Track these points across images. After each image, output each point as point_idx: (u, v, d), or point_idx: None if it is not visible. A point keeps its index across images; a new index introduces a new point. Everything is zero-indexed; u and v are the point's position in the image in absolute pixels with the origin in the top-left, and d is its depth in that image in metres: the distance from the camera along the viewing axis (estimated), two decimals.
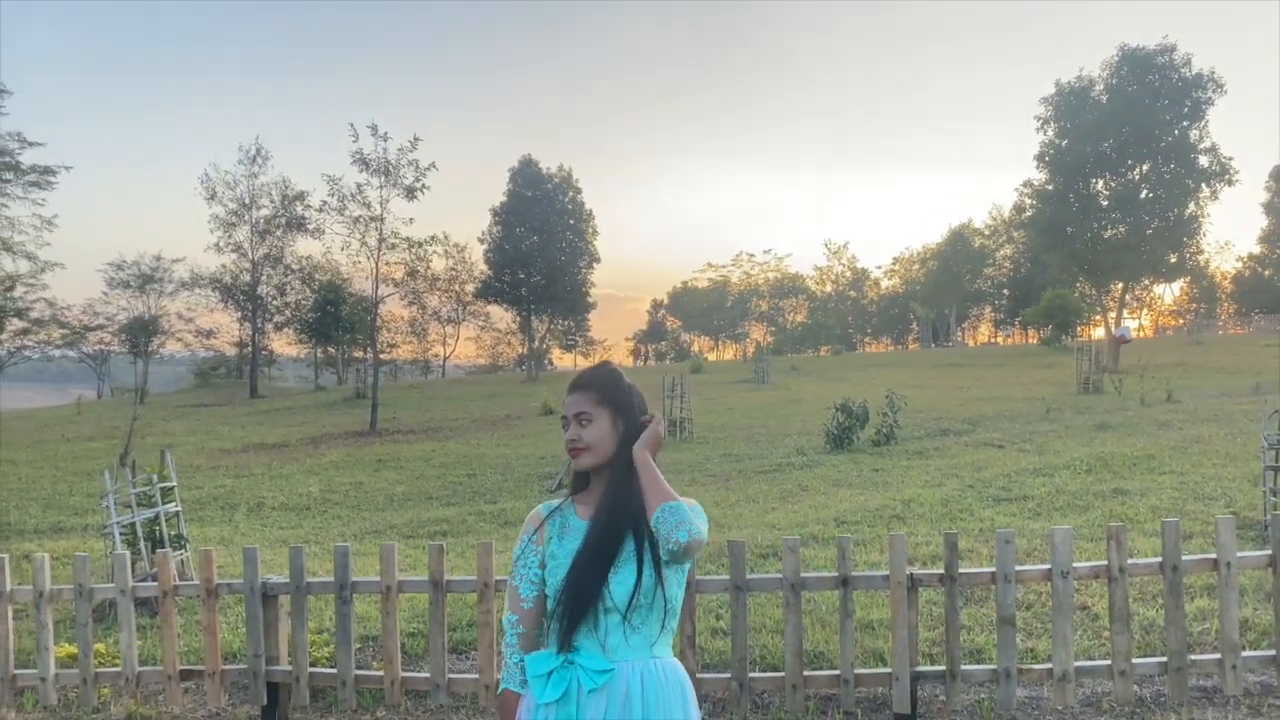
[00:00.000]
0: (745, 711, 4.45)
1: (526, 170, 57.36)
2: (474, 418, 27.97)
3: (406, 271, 34.54)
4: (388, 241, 28.80)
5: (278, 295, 55.44)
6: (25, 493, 15.74)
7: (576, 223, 58.29)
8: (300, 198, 48.08)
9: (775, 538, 8.37)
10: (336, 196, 28.37)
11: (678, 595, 2.22)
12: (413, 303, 65.78)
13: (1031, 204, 44.77)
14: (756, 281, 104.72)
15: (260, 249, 50.60)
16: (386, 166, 27.43)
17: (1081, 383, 26.18)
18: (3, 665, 4.92)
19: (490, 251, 57.33)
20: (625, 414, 2.29)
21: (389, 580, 4.54)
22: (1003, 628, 4.24)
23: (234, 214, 49.50)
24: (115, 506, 7.20)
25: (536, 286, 56.58)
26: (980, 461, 12.88)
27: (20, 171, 19.64)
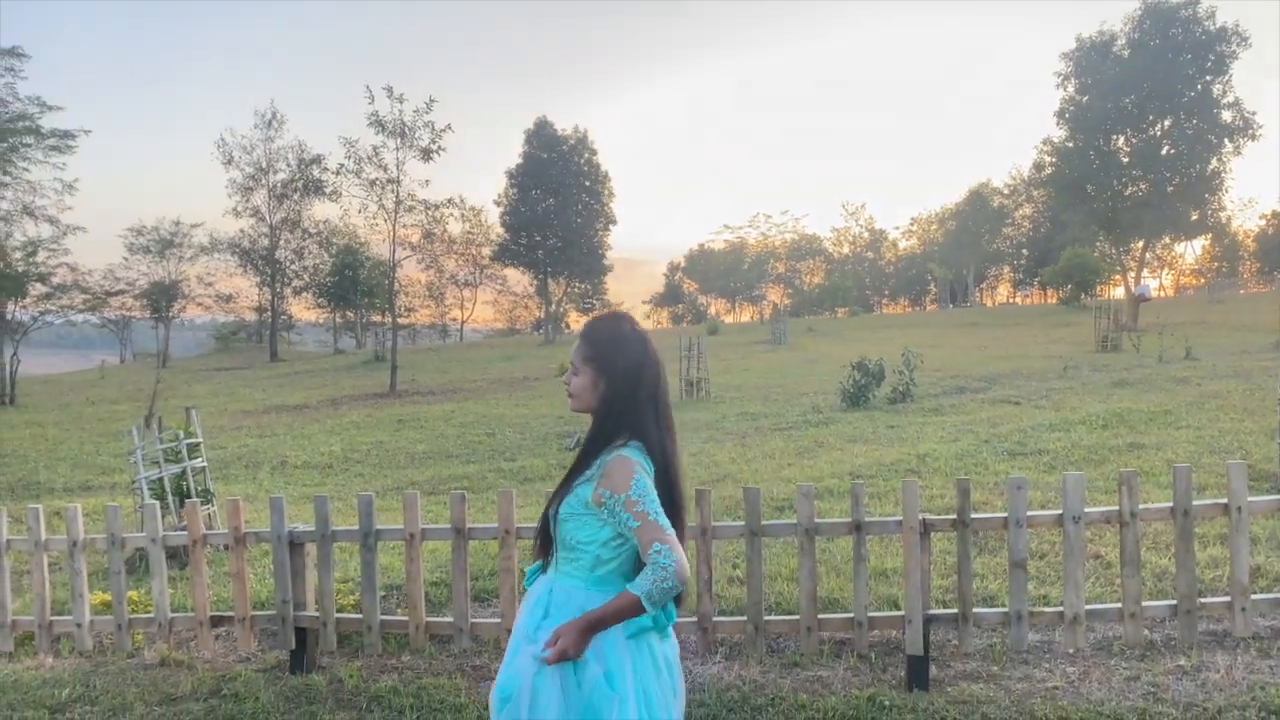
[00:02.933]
0: (761, 654, 4.55)
1: (542, 132, 57.08)
2: (492, 379, 28.14)
3: (423, 235, 34.61)
4: (404, 204, 28.85)
5: (296, 259, 55.69)
6: (53, 453, 16.02)
7: (592, 185, 58.04)
8: (316, 161, 48.11)
9: (791, 491, 8.47)
10: (353, 159, 28.41)
11: (582, 539, 2.37)
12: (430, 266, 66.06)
13: (1051, 162, 44.18)
14: (773, 243, 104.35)
15: (278, 213, 50.76)
16: (402, 128, 27.41)
17: (1100, 341, 26.05)
18: (40, 612, 5.08)
19: (506, 214, 57.22)
20: (608, 374, 2.40)
21: (412, 528, 4.65)
22: (1015, 572, 4.31)
23: (251, 178, 49.63)
24: (143, 462, 7.35)
25: (553, 249, 56.51)
26: (996, 418, 12.91)
27: (40, 135, 19.72)
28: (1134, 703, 4.00)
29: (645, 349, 2.43)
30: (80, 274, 33.49)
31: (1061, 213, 48.45)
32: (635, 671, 2.32)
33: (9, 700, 4.52)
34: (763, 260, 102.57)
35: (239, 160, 49.23)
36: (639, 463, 2.33)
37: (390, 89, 26.97)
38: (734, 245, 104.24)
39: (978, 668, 4.48)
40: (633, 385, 2.39)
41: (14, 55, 19.34)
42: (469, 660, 4.87)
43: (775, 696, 4.20)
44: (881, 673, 4.49)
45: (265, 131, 49.27)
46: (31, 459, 15.36)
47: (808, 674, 4.49)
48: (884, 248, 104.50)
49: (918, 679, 4.24)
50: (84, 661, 5.11)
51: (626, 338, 2.43)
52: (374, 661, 4.87)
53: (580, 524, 2.37)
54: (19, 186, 20.72)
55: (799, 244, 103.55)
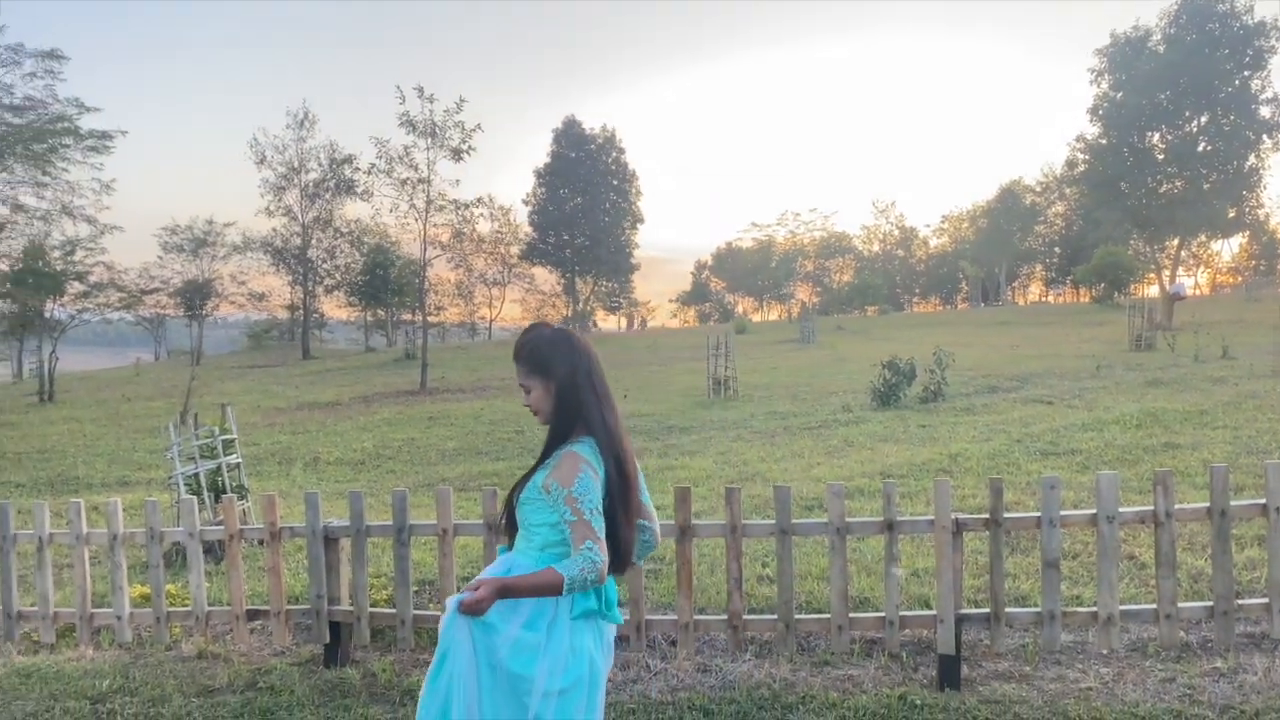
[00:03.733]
0: (791, 652, 4.56)
1: (570, 131, 57.26)
2: None
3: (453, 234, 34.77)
4: (435, 204, 29.01)
5: (328, 258, 56.10)
6: (91, 449, 16.28)
7: (620, 183, 58.17)
8: (348, 161, 48.43)
9: (820, 490, 8.45)
10: (384, 159, 28.59)
11: (534, 521, 2.59)
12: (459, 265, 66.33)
13: (1084, 159, 43.72)
14: (802, 241, 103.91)
15: (310, 212, 51.15)
16: (433, 128, 27.56)
17: (1133, 340, 25.75)
18: (81, 605, 5.17)
19: (534, 213, 57.48)
20: (551, 374, 2.61)
21: (445, 523, 4.69)
22: (1047, 571, 4.29)
23: (283, 178, 50.03)
24: (179, 458, 7.45)
25: (580, 248, 56.68)
26: (1028, 417, 12.81)
27: (79, 136, 20.03)
28: (1169, 705, 3.97)
29: (573, 345, 2.64)
30: (116, 272, 33.97)
31: (1095, 210, 47.82)
32: (574, 646, 2.52)
33: (51, 690, 4.61)
34: (791, 258, 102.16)
35: (271, 160, 49.67)
36: (587, 460, 2.52)
37: (421, 89, 27.14)
38: (762, 243, 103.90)
39: (1010, 668, 4.46)
40: (575, 380, 2.60)
41: (53, 57, 19.66)
42: None
43: (806, 695, 4.20)
44: (913, 672, 4.48)
45: (297, 131, 49.68)
46: (70, 454, 15.61)
47: (838, 672, 4.49)
48: (914, 245, 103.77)
49: (949, 678, 4.23)
50: (123, 653, 5.20)
51: (553, 342, 2.64)
52: (407, 656, 4.92)
53: (534, 508, 2.58)
54: (58, 186, 21.08)
55: (828, 242, 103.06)
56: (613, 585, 2.65)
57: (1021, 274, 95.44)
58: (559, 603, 2.52)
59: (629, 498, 2.61)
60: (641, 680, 4.51)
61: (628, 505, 2.60)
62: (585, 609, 2.54)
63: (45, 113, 19.65)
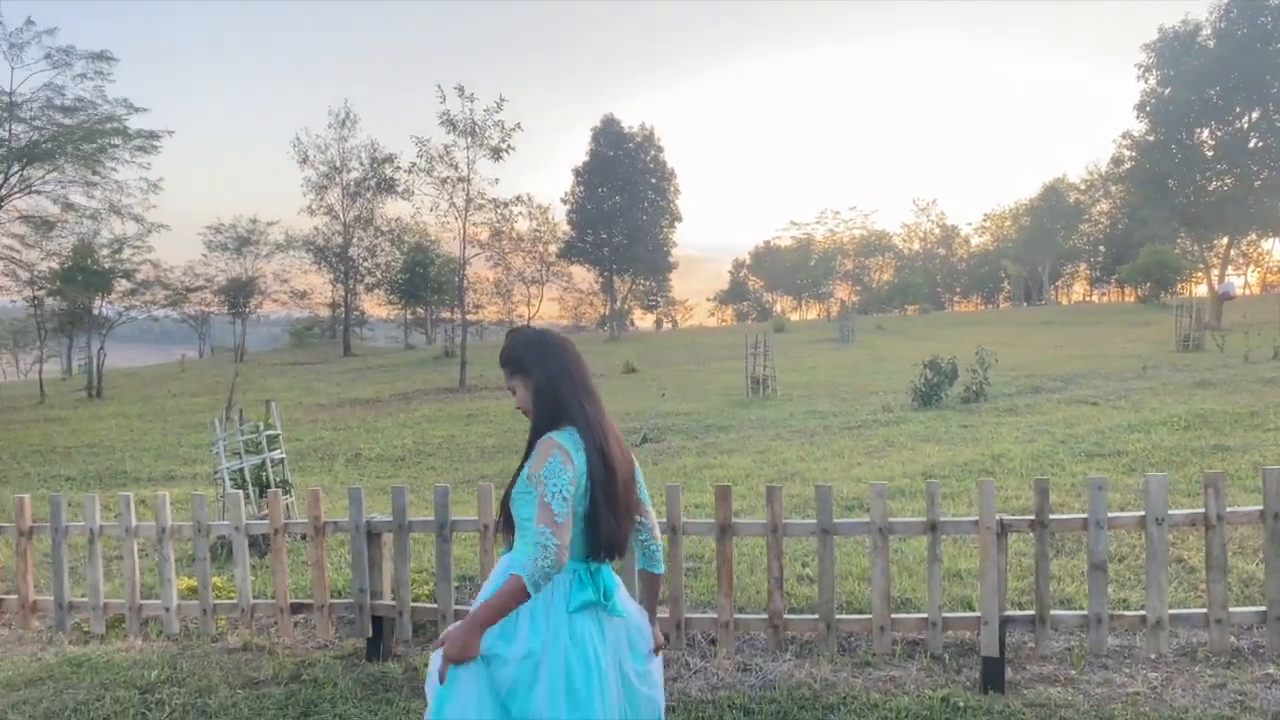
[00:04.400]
0: (833, 652, 4.53)
1: (609, 130, 57.30)
2: None
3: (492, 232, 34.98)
4: (474, 202, 29.21)
5: (368, 257, 56.67)
6: (138, 443, 16.58)
7: (658, 182, 58.10)
8: (389, 160, 48.88)
9: (860, 490, 8.39)
10: (425, 158, 28.84)
11: (524, 515, 2.57)
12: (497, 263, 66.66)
13: (1131, 156, 43.01)
14: (841, 239, 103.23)
15: (351, 211, 51.74)
16: (473, 127, 27.75)
17: (1181, 340, 25.30)
18: (130, 596, 5.26)
19: (572, 212, 57.57)
20: (529, 373, 2.68)
21: (486, 519, 4.72)
22: (1094, 574, 4.22)
23: (325, 177, 50.67)
24: (225, 453, 7.56)
25: (618, 246, 56.70)
26: (1073, 418, 12.63)
27: (127, 136, 20.39)
28: (1220, 711, 3.89)
29: (549, 344, 2.71)
30: (162, 270, 34.59)
31: (1141, 208, 47.10)
32: (574, 639, 2.53)
33: (102, 680, 4.69)
34: (830, 257, 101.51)
35: (314, 159, 50.32)
36: (561, 446, 2.54)
37: (461, 88, 27.35)
38: (801, 242, 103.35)
39: (1055, 671, 4.40)
40: (551, 377, 2.65)
41: (102, 59, 20.02)
42: None
43: (847, 695, 4.17)
44: (955, 674, 4.43)
45: (339, 131, 50.30)
46: (118, 449, 15.91)
47: (880, 673, 4.46)
48: (955, 244, 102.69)
49: (993, 681, 4.18)
50: (171, 644, 5.29)
51: (530, 343, 2.71)
52: None
53: (523, 501, 2.59)
54: (107, 186, 21.48)
55: (868, 240, 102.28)
56: (610, 576, 2.67)
57: (1065, 273, 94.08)
58: (552, 603, 2.54)
59: (613, 488, 2.61)
60: (681, 678, 4.50)
61: (611, 495, 2.60)
62: (583, 601, 2.55)
63: (95, 113, 20.04)
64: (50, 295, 30.66)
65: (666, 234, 59.06)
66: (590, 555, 2.62)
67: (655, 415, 15.67)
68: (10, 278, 25.77)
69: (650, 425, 14.70)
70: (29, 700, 4.47)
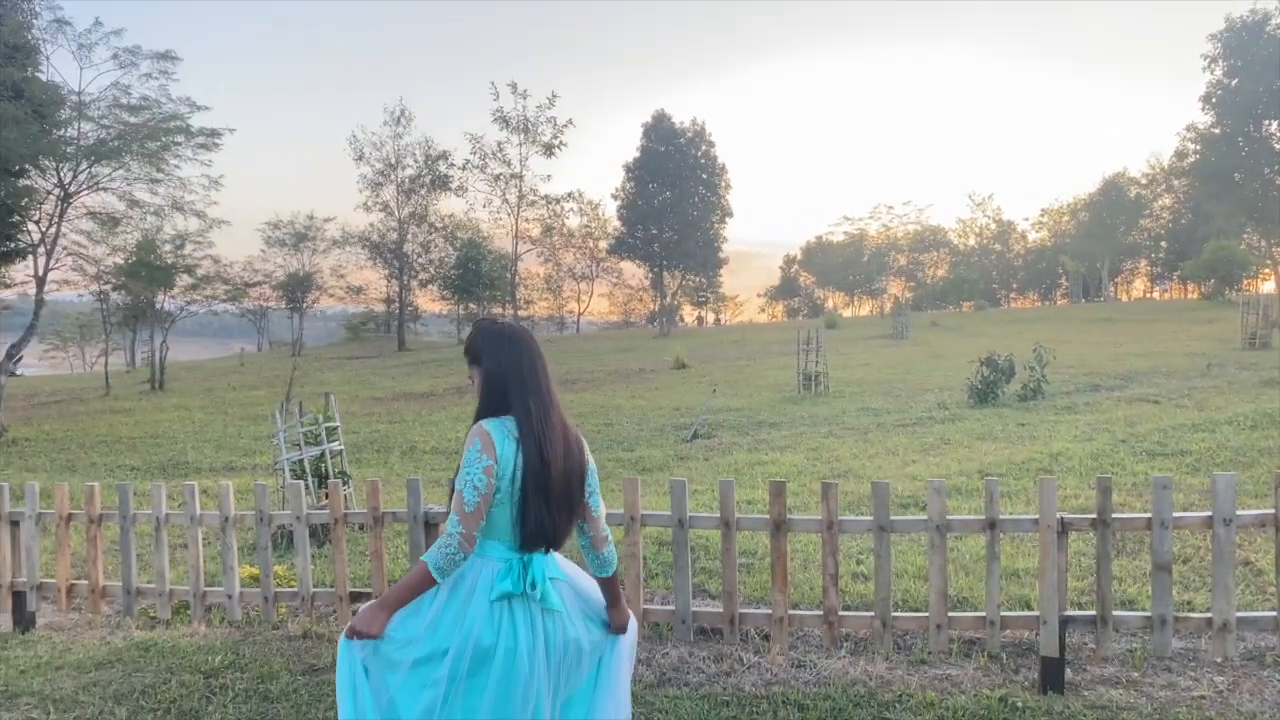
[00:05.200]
0: (888, 650, 4.50)
1: (660, 125, 57.20)
2: (609, 371, 28.42)
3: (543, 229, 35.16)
4: (526, 199, 29.38)
5: (422, 253, 57.26)
6: (199, 435, 16.95)
7: (709, 177, 57.87)
8: (443, 157, 49.33)
9: (916, 488, 8.31)
10: (478, 155, 29.11)
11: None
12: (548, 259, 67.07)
13: (1195, 149, 42.03)
14: (895, 235, 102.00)
15: (406, 208, 52.31)
16: (525, 124, 27.92)
17: (1247, 338, 24.63)
18: (195, 583, 5.38)
19: (623, 207, 57.57)
20: (481, 362, 2.75)
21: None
22: (1158, 574, 4.14)
23: (380, 174, 51.26)
24: (285, 444, 7.71)
25: (668, 242, 56.61)
26: (1133, 417, 12.37)
27: (190, 134, 20.83)
28: None
29: (506, 338, 2.75)
30: (222, 266, 35.23)
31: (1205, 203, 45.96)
32: (489, 625, 2.56)
33: (168, 664, 4.82)
34: (883, 252, 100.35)
35: (369, 156, 50.93)
36: (486, 433, 2.60)
37: (514, 85, 27.57)
38: (853, 237, 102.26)
39: (1116, 673, 4.33)
40: (504, 370, 2.70)
41: (167, 59, 20.47)
42: None
43: (903, 693, 4.14)
44: (1013, 674, 4.38)
45: (394, 128, 50.79)
46: (180, 440, 16.29)
47: (936, 672, 4.42)
48: (1012, 239, 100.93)
49: (1052, 681, 4.12)
50: (233, 631, 5.41)
51: (488, 335, 2.77)
52: None
53: None
54: (170, 183, 21.94)
55: (922, 235, 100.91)
56: (540, 567, 2.66)
57: (1125, 269, 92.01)
58: (473, 591, 2.60)
59: (546, 482, 2.62)
60: (735, 673, 4.50)
61: (543, 489, 2.61)
62: (502, 591, 2.59)
63: (159, 112, 20.47)
64: (115, 290, 31.44)
65: (717, 229, 58.84)
66: (523, 546, 2.65)
67: (706, 411, 15.66)
68: (78, 272, 26.45)
69: (701, 421, 14.69)
70: (99, 682, 4.61)
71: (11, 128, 17.68)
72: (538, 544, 2.66)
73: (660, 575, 6.06)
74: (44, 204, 21.01)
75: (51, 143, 19.23)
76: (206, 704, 4.30)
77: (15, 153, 18.13)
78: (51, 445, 16.23)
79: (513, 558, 2.64)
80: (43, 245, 20.81)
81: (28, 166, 19.56)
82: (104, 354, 44.19)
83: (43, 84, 19.37)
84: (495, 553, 2.64)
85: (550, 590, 2.67)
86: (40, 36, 20.27)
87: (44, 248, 20.68)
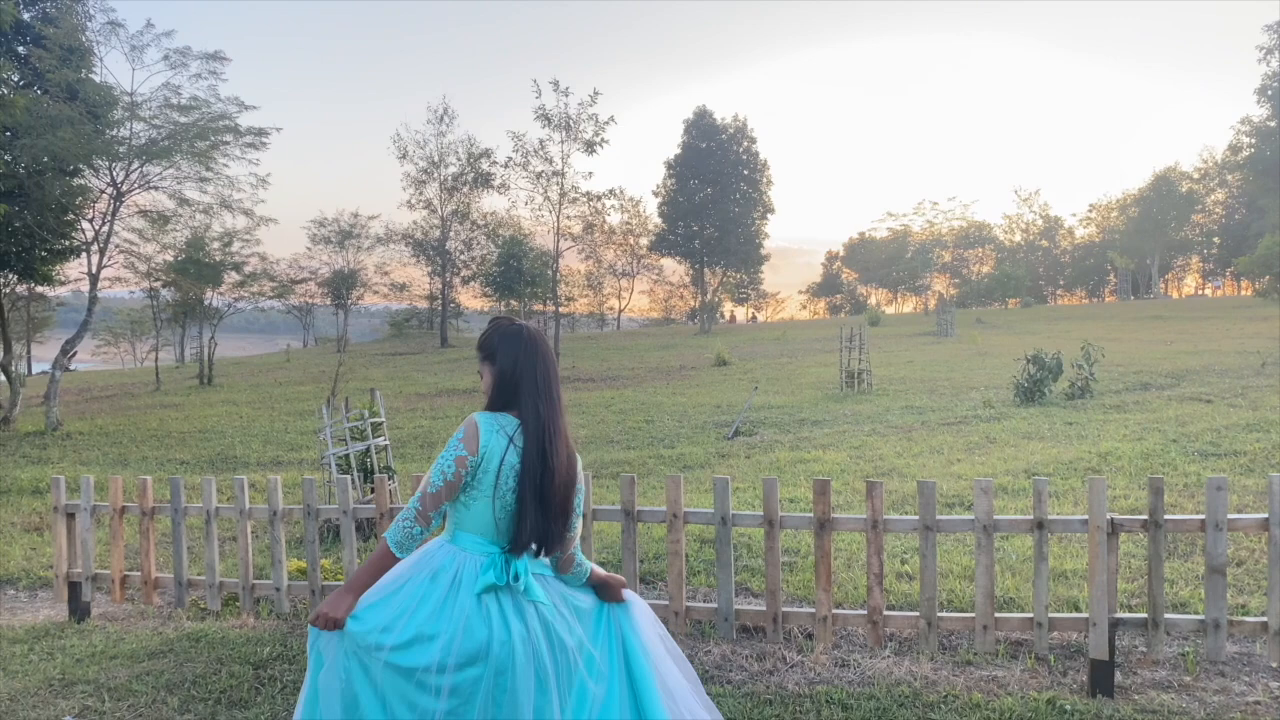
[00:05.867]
0: (933, 650, 4.45)
1: (701, 122, 57.13)
2: (649, 368, 28.44)
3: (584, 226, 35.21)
4: (568, 196, 29.47)
5: (465, 250, 57.62)
6: (247, 430, 17.21)
7: (751, 173, 57.72)
8: (485, 155, 49.60)
9: (961, 487, 8.22)
10: (520, 152, 29.22)
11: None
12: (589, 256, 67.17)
13: (1250, 143, 41.12)
14: (939, 231, 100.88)
15: (448, 205, 52.68)
16: (567, 121, 27.98)
17: None
18: (244, 576, 5.47)
19: (664, 204, 57.58)
20: (495, 360, 2.79)
21: (585, 508, 4.76)
22: (1212, 577, 4.06)
23: (424, 172, 51.66)
24: (331, 439, 7.80)
25: (709, 239, 56.54)
26: (1185, 416, 12.12)
27: (238, 133, 21.15)
28: None
29: (522, 339, 2.79)
30: (269, 263, 35.67)
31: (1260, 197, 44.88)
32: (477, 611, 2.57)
33: (218, 655, 4.90)
34: (927, 249, 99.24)
35: (413, 155, 51.36)
36: (475, 426, 2.65)
37: (556, 82, 27.61)
38: (897, 233, 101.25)
39: (1168, 677, 4.25)
40: (512, 371, 2.74)
41: (216, 59, 20.79)
42: None
43: (948, 694, 4.10)
44: (1061, 676, 4.32)
45: (437, 126, 51.20)
46: (228, 435, 16.55)
47: (982, 673, 4.37)
48: (1059, 235, 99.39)
49: (1102, 684, 4.06)
50: (281, 623, 5.49)
51: (505, 333, 2.81)
52: None
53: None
54: (218, 181, 22.27)
55: (967, 231, 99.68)
56: (525, 562, 2.68)
57: (1176, 265, 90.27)
58: (457, 585, 2.61)
59: (544, 485, 2.65)
60: (778, 672, 4.49)
61: (540, 492, 2.64)
62: (486, 584, 2.61)
63: (208, 111, 20.80)
64: (165, 287, 31.98)
65: (758, 226, 58.66)
66: (512, 547, 2.66)
67: (747, 408, 15.61)
68: (129, 270, 26.96)
69: (742, 418, 14.64)
70: (151, 672, 4.70)
71: (67, 129, 18.07)
72: (527, 547, 2.67)
73: (702, 573, 6.06)
74: (97, 203, 21.44)
75: (105, 143, 19.61)
76: (255, 695, 4.37)
77: (70, 153, 18.53)
78: (104, 439, 16.58)
79: (494, 551, 2.66)
80: (96, 243, 21.24)
81: (82, 166, 19.97)
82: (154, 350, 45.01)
83: (96, 85, 19.75)
84: (475, 547, 2.67)
85: (534, 583, 2.68)
86: (94, 39, 20.70)
87: (97, 245, 21.11)
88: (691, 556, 6.28)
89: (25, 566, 7.44)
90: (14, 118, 17.00)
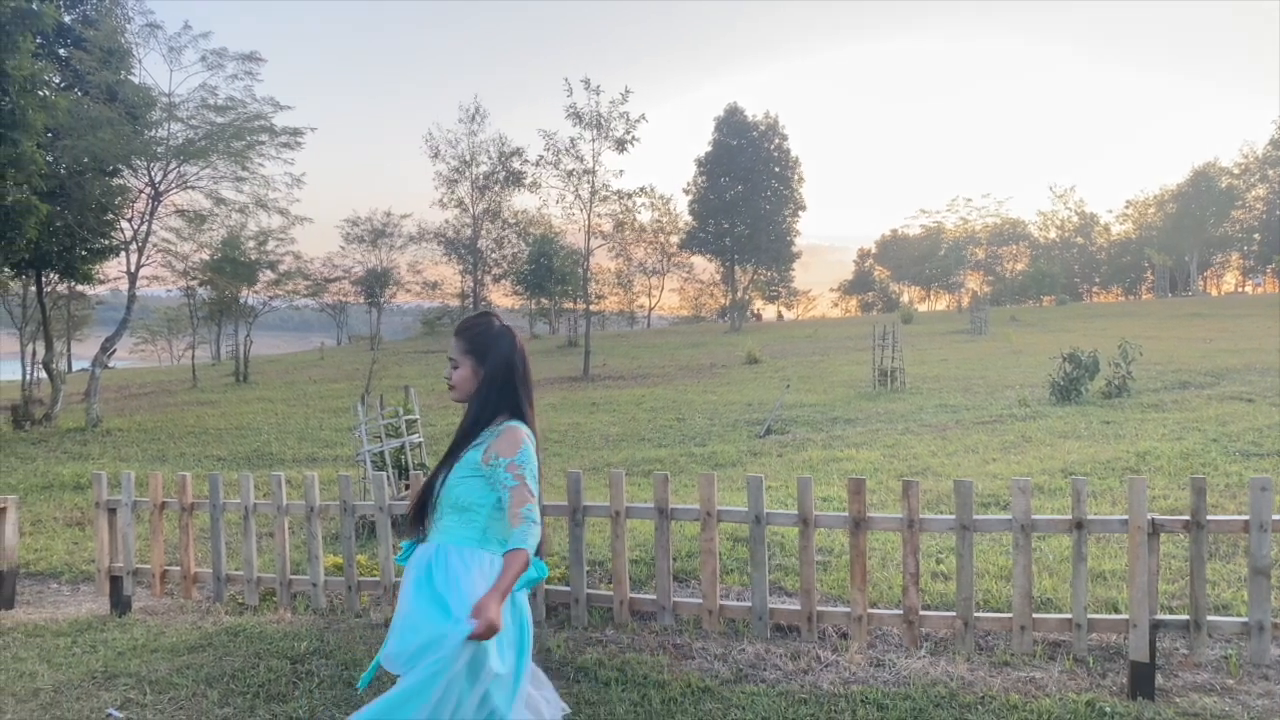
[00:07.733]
0: (970, 650, 4.42)
1: (731, 119, 56.95)
2: (680, 366, 28.41)
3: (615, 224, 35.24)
4: (599, 194, 29.49)
5: (496, 248, 57.93)
6: (282, 427, 17.40)
7: (782, 170, 57.44)
8: (517, 153, 49.84)
9: (997, 487, 8.15)
10: (551, 151, 29.27)
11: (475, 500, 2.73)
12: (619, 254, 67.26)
13: None
14: (973, 228, 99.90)
15: (480, 204, 52.98)
16: (598, 120, 28.00)
17: None
18: (281, 571, 5.53)
19: (694, 202, 57.46)
20: (485, 360, 2.82)
21: (618, 505, 4.77)
22: (1256, 579, 3.99)
23: (456, 171, 52.03)
24: (366, 436, 7.87)
25: (740, 237, 56.35)
26: (1225, 415, 11.94)
27: (274, 133, 21.35)
28: None
29: (513, 341, 2.85)
30: (303, 262, 36.08)
31: None
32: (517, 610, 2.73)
33: (256, 649, 4.96)
34: (961, 246, 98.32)
35: (445, 154, 51.74)
36: (528, 433, 2.75)
37: (587, 81, 27.62)
38: (930, 230, 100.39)
39: (1210, 680, 4.19)
40: (507, 371, 2.80)
41: (252, 60, 21.01)
42: (670, 638, 4.96)
43: (985, 695, 4.07)
44: (1100, 678, 4.27)
45: (469, 126, 51.66)
46: (264, 432, 16.74)
47: (1019, 674, 4.33)
48: (1095, 232, 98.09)
49: (1142, 687, 4.00)
50: (318, 619, 5.54)
51: (498, 332, 2.85)
52: (579, 634, 5.04)
53: (472, 486, 2.73)
54: (254, 181, 22.51)
55: (1001, 228, 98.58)
56: None
57: (1215, 262, 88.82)
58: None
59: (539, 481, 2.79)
60: (813, 671, 4.47)
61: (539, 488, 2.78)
62: (528, 579, 2.72)
63: (244, 112, 21.02)
64: (202, 285, 32.41)
65: (789, 223, 58.37)
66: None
67: (779, 406, 15.56)
68: (167, 269, 27.37)
69: (774, 416, 14.60)
70: (191, 665, 4.76)
71: (107, 129, 18.35)
72: None
73: (735, 571, 6.05)
74: (136, 202, 21.75)
75: (143, 143, 19.88)
76: (293, 689, 4.42)
77: (110, 153, 18.82)
78: (143, 435, 16.82)
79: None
80: (134, 242, 21.55)
81: (121, 166, 20.27)
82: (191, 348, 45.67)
83: (135, 86, 20.03)
84: (503, 545, 2.73)
85: None
86: (133, 40, 20.98)
87: (136, 244, 21.41)
88: (724, 555, 6.27)
89: (68, 560, 7.57)
90: (56, 119, 17.28)
